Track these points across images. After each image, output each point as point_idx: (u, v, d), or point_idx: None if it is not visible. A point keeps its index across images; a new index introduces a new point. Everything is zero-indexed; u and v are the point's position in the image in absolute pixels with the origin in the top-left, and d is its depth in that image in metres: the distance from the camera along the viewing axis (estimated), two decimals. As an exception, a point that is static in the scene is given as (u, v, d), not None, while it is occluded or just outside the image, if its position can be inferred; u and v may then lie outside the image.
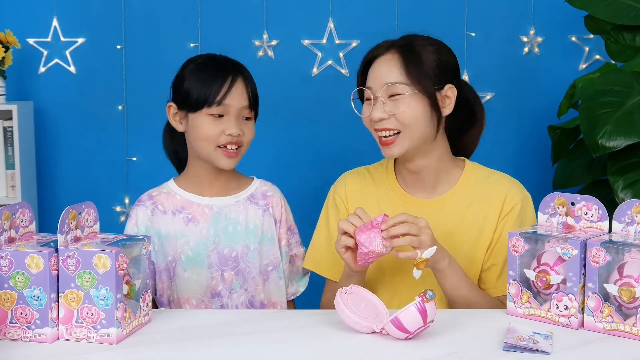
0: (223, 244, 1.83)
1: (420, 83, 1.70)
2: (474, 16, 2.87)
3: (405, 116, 1.70)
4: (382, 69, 1.73)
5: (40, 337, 1.38)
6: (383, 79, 1.71)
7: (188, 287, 1.81)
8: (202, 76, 1.78)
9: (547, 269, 1.50)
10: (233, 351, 1.36)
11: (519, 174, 1.92)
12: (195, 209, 1.84)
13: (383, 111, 1.70)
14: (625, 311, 1.42)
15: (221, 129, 1.77)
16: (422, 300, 1.38)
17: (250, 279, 1.84)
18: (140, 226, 1.83)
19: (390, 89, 1.70)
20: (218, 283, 1.82)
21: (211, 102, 1.76)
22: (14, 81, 2.83)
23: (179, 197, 1.85)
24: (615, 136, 2.21)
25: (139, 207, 1.85)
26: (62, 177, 2.91)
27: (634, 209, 1.49)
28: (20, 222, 1.46)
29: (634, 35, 2.51)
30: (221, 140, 1.77)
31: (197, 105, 1.77)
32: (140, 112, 2.88)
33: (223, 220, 1.84)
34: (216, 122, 1.77)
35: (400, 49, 1.72)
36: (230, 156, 1.79)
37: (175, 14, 2.86)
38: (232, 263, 1.83)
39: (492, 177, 1.81)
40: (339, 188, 1.87)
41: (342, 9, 2.87)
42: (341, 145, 2.86)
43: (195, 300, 1.81)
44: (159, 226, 1.83)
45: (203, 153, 1.80)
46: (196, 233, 1.82)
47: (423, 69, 1.70)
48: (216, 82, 1.77)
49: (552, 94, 2.90)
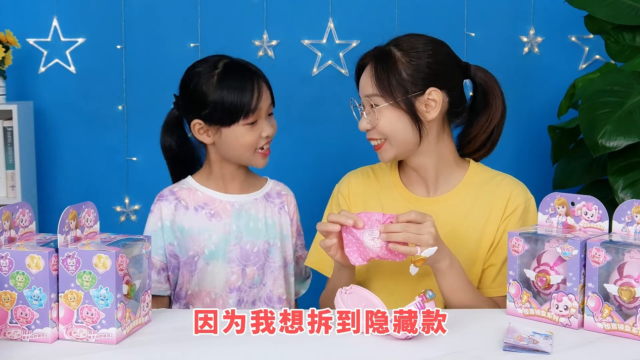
0: (245, 239, 1.85)
1: (391, 93, 1.71)
2: (474, 16, 2.87)
3: (384, 127, 1.73)
4: (362, 80, 1.77)
5: (40, 337, 1.38)
6: (363, 91, 1.76)
7: (210, 280, 1.83)
8: (230, 88, 1.77)
9: (547, 269, 1.50)
10: (233, 351, 1.36)
11: (519, 174, 1.92)
12: (217, 204, 1.85)
13: (367, 122, 1.74)
14: (625, 311, 1.42)
15: (258, 134, 1.80)
16: (422, 300, 1.38)
17: (269, 273, 1.86)
18: (165, 221, 1.83)
19: (369, 101, 1.74)
20: (238, 278, 1.84)
21: (247, 112, 1.77)
22: (14, 81, 2.83)
23: (200, 193, 1.86)
24: (615, 136, 2.21)
25: (162, 202, 1.85)
26: (62, 177, 2.91)
27: (634, 209, 1.49)
28: (20, 222, 1.46)
29: (634, 35, 2.51)
30: (260, 144, 1.81)
31: (233, 119, 1.77)
32: (140, 112, 2.88)
33: (244, 216, 1.86)
34: (253, 129, 1.79)
35: (374, 59, 1.74)
36: (266, 155, 1.84)
37: (175, 14, 2.86)
38: (254, 258, 1.85)
39: (496, 178, 1.81)
40: (342, 187, 1.88)
41: (342, 9, 2.87)
42: (341, 145, 2.86)
43: (213, 294, 1.82)
44: (182, 222, 1.84)
45: (242, 159, 1.83)
46: (219, 228, 1.84)
47: (395, 79, 1.71)
48: (246, 91, 1.77)
49: (552, 94, 2.90)
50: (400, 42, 1.75)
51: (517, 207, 1.76)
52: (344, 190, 1.87)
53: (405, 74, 1.71)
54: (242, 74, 1.79)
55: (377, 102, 1.72)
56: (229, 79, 1.78)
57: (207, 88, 1.78)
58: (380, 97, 1.71)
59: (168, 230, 1.82)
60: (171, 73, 2.87)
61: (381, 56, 1.73)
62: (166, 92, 2.95)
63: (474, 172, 1.81)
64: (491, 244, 1.76)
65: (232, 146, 1.80)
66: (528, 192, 1.80)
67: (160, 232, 1.82)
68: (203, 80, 1.79)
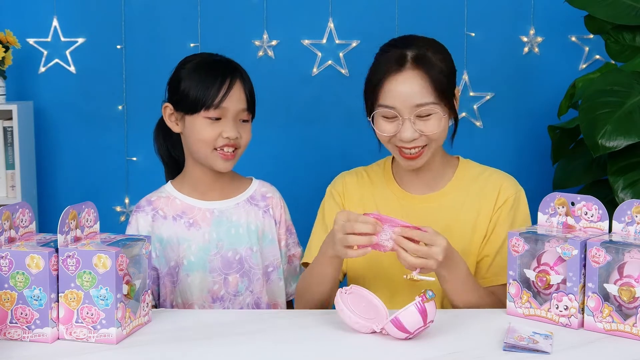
0: (226, 247, 1.82)
1: (448, 99, 1.70)
2: (474, 16, 2.87)
3: (436, 133, 1.71)
4: (405, 88, 1.68)
5: (40, 337, 1.38)
6: (412, 100, 1.68)
7: (191, 292, 1.81)
8: (200, 78, 1.77)
9: (547, 269, 1.50)
10: (233, 351, 1.36)
11: (519, 174, 1.92)
12: (196, 213, 1.83)
13: (414, 131, 1.69)
14: (625, 311, 1.42)
15: (218, 132, 1.76)
16: (422, 300, 1.38)
17: (255, 280, 1.84)
18: (141, 232, 1.82)
19: (420, 110, 1.68)
20: (221, 287, 1.82)
21: (209, 105, 1.75)
22: (14, 81, 2.83)
23: (178, 201, 1.84)
24: (615, 136, 2.21)
25: (139, 214, 1.84)
26: (62, 177, 2.91)
27: (634, 209, 1.49)
28: (20, 222, 1.46)
29: (634, 35, 2.51)
30: (218, 143, 1.77)
31: (195, 108, 1.76)
32: (140, 112, 2.88)
33: (225, 223, 1.83)
34: (213, 125, 1.76)
35: (418, 64, 1.69)
36: (226, 158, 1.78)
37: (175, 14, 2.86)
38: (237, 266, 1.83)
39: (485, 172, 1.83)
40: (337, 184, 1.88)
41: (342, 9, 2.86)
42: (341, 145, 2.86)
43: (197, 306, 1.80)
44: (160, 232, 1.82)
45: (200, 155, 1.80)
46: (198, 238, 1.82)
47: (447, 85, 1.70)
48: (214, 84, 1.75)
49: (552, 94, 2.89)
50: (422, 46, 1.72)
51: (508, 198, 1.78)
52: (339, 189, 1.87)
53: (446, 77, 1.71)
54: (217, 69, 1.78)
55: (433, 110, 1.68)
56: (203, 70, 1.78)
57: (182, 74, 1.80)
58: (437, 105, 1.69)
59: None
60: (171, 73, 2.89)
61: (423, 62, 1.69)
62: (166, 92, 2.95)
63: (464, 168, 1.83)
64: (484, 236, 1.78)
65: (192, 138, 1.78)
66: (518, 184, 1.82)
67: None
68: (185, 67, 1.81)
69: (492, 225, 1.78)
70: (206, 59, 1.83)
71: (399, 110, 1.69)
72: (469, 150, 2.18)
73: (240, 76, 1.80)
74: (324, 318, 1.54)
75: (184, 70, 1.81)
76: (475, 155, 1.93)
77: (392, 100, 1.69)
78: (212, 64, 1.80)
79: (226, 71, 1.78)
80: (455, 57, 1.90)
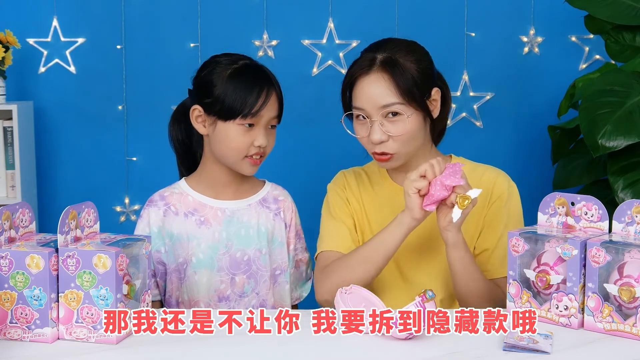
0: (235, 247, 1.82)
1: (414, 100, 1.71)
2: (474, 16, 2.88)
3: (405, 135, 1.72)
4: (372, 90, 1.72)
5: (40, 337, 1.38)
6: (377, 102, 1.71)
7: (197, 290, 1.81)
8: (238, 86, 1.75)
9: (547, 269, 1.50)
10: (233, 351, 1.36)
11: (519, 174, 1.93)
12: (208, 211, 1.83)
13: (382, 133, 1.72)
14: (625, 311, 1.42)
15: (251, 140, 1.77)
16: (422, 300, 1.38)
17: (262, 282, 1.84)
18: (152, 227, 1.82)
19: (387, 110, 1.71)
20: (227, 287, 1.82)
21: (247, 113, 1.74)
22: (14, 81, 2.83)
23: (191, 198, 1.84)
24: (615, 136, 2.21)
25: (151, 208, 1.84)
26: (62, 177, 2.91)
27: (634, 209, 1.49)
28: (20, 222, 1.46)
29: (634, 35, 2.51)
30: (250, 152, 1.77)
31: (231, 115, 1.75)
32: (140, 112, 2.88)
33: (235, 223, 1.83)
34: (246, 133, 1.76)
35: (385, 66, 1.71)
36: (255, 164, 1.80)
37: (175, 14, 2.86)
38: (244, 266, 1.83)
39: (478, 168, 1.85)
40: (338, 180, 1.90)
41: (342, 9, 2.87)
42: (341, 145, 2.86)
43: (203, 304, 1.80)
44: (170, 227, 1.82)
45: (228, 161, 1.80)
46: (208, 236, 1.82)
47: (414, 84, 1.71)
48: (253, 93, 1.75)
49: (552, 94, 2.90)
50: (393, 48, 1.74)
51: (502, 193, 1.80)
52: (341, 183, 1.88)
53: (417, 78, 1.72)
54: (255, 76, 1.78)
55: (399, 110, 1.70)
56: (241, 76, 1.77)
57: (217, 78, 1.77)
58: (403, 105, 1.70)
59: (156, 236, 1.81)
60: (171, 73, 2.90)
61: (390, 64, 1.71)
62: (166, 92, 2.97)
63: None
64: (480, 231, 1.80)
65: (222, 143, 1.77)
66: (510, 180, 1.84)
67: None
68: (218, 70, 1.78)
69: (488, 220, 1.79)
70: (243, 65, 1.80)
71: (368, 112, 1.73)
72: (469, 150, 2.18)
73: (275, 84, 1.81)
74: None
75: (217, 75, 1.78)
76: (475, 155, 1.93)
77: (361, 102, 1.74)
78: (250, 71, 1.79)
79: (263, 80, 1.78)
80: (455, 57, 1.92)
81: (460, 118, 2.92)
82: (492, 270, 1.78)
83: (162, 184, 1.93)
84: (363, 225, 1.84)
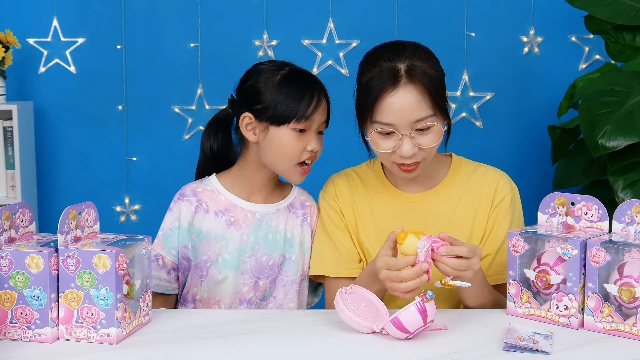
0: (262, 251, 1.81)
1: (444, 109, 1.69)
2: (474, 16, 2.88)
3: (435, 145, 1.69)
4: (402, 106, 1.65)
5: (40, 337, 1.38)
6: (409, 117, 1.65)
7: (220, 290, 1.80)
8: (291, 90, 1.75)
9: (547, 269, 1.50)
10: (233, 351, 1.36)
11: (519, 174, 1.93)
12: (238, 213, 1.82)
13: (413, 146, 1.67)
14: (625, 311, 1.42)
15: (304, 145, 1.76)
16: (422, 300, 1.38)
17: (280, 286, 1.83)
18: (182, 222, 1.80)
19: (419, 125, 1.66)
20: (250, 290, 1.81)
21: (300, 116, 1.74)
22: (14, 81, 2.83)
23: (223, 198, 1.83)
24: (615, 136, 2.21)
25: (183, 202, 1.82)
26: (62, 177, 2.91)
27: (634, 209, 1.49)
28: (20, 222, 1.46)
29: (634, 35, 2.51)
30: (303, 157, 1.77)
31: (285, 119, 1.74)
32: (140, 112, 2.88)
33: (264, 227, 1.83)
34: (299, 138, 1.76)
35: (411, 78, 1.65)
36: (305, 173, 1.80)
37: (175, 14, 2.86)
38: (269, 271, 1.82)
39: (479, 169, 1.83)
40: (328, 189, 1.87)
41: (342, 9, 2.87)
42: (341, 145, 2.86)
43: (223, 304, 1.80)
44: (200, 225, 1.81)
45: (279, 167, 1.79)
46: (236, 237, 1.81)
47: (441, 94, 1.68)
48: (306, 96, 1.75)
49: (552, 94, 2.90)
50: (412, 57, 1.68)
51: (505, 196, 1.78)
52: (332, 193, 1.85)
53: (439, 86, 1.68)
54: (306, 81, 1.78)
55: (431, 122, 1.66)
56: (292, 81, 1.77)
57: (266, 84, 1.77)
58: (434, 117, 1.66)
59: (185, 232, 1.80)
60: (171, 73, 2.90)
61: (416, 75, 1.65)
62: (166, 92, 2.97)
63: (458, 165, 1.83)
64: (483, 234, 1.78)
65: (275, 149, 1.76)
66: (512, 182, 1.82)
67: (176, 232, 1.79)
68: (264, 76, 1.78)
69: (490, 224, 1.78)
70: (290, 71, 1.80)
71: (397, 127, 1.66)
72: (469, 150, 2.18)
73: (323, 90, 1.81)
74: (324, 318, 1.54)
75: (266, 82, 1.77)
76: (476, 155, 1.93)
77: (389, 117, 1.66)
78: (300, 76, 1.79)
79: (314, 84, 1.79)
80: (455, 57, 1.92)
81: (460, 118, 2.92)
82: (493, 277, 1.76)
83: (162, 184, 1.93)
84: (358, 234, 1.82)
